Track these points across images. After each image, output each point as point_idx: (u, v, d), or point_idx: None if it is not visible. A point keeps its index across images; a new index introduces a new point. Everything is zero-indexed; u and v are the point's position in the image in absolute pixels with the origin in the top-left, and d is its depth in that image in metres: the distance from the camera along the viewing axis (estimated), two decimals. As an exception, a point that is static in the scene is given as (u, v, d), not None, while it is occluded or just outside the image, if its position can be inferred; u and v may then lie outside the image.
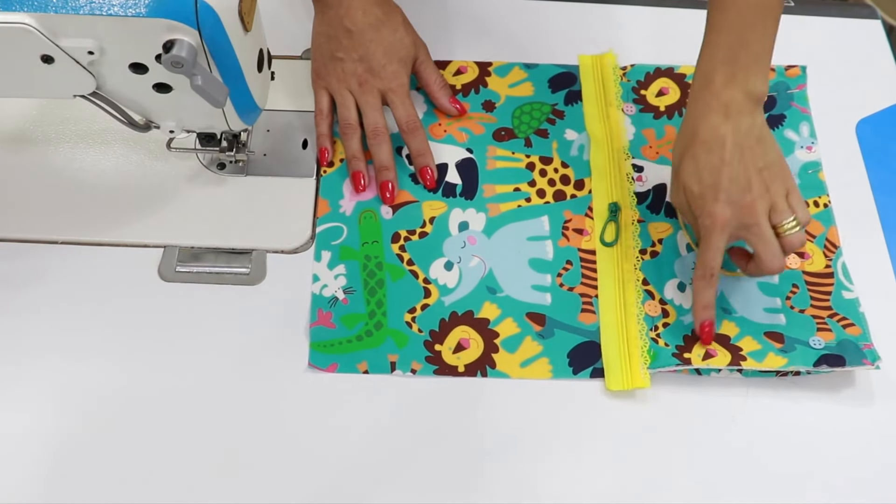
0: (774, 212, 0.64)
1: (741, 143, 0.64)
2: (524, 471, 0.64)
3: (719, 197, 0.64)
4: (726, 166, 0.64)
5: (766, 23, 0.65)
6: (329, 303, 0.69)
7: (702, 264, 0.66)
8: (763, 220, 0.64)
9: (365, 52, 0.75)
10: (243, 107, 0.66)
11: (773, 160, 0.65)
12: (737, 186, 0.64)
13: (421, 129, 0.76)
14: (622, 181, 0.75)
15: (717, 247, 0.65)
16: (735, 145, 0.64)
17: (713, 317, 0.66)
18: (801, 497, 0.64)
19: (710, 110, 0.65)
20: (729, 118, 0.64)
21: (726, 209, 0.64)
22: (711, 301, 0.66)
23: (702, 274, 0.66)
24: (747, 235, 0.65)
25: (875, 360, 0.66)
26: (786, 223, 0.64)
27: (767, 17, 0.64)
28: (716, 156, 0.64)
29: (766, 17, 0.64)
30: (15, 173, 0.74)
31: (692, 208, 0.66)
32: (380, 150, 0.75)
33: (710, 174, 0.64)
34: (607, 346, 0.68)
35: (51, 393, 0.65)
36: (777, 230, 0.65)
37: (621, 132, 0.78)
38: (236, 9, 0.59)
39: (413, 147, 0.75)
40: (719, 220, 0.64)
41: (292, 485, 0.63)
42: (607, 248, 0.73)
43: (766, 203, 0.64)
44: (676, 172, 0.68)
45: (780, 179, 0.65)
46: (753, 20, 0.64)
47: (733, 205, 0.64)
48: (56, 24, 0.57)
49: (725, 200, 0.64)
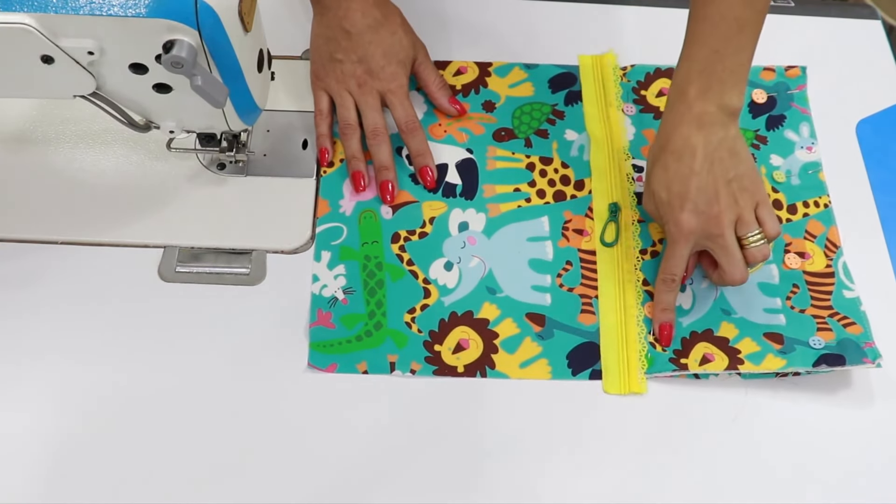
0: (741, 223, 0.66)
1: (712, 154, 0.65)
2: (524, 471, 0.64)
3: (686, 206, 0.65)
4: (695, 176, 0.65)
5: (743, 37, 0.65)
6: (329, 303, 0.69)
7: (664, 269, 0.68)
8: (728, 232, 0.65)
9: (364, 54, 0.75)
10: (243, 107, 0.66)
11: (744, 172, 0.66)
12: (704, 197, 0.65)
13: (420, 130, 0.76)
14: (622, 181, 0.75)
15: (680, 254, 0.66)
16: (705, 156, 0.65)
17: (672, 319, 0.68)
18: (800, 497, 0.64)
19: (683, 121, 0.65)
20: (701, 129, 0.65)
21: (692, 218, 0.65)
22: (671, 304, 0.68)
23: (663, 279, 0.68)
24: (712, 246, 0.66)
25: (876, 359, 0.66)
26: (750, 235, 0.65)
27: (745, 32, 0.65)
28: (685, 165, 0.65)
29: (742, 32, 0.64)
30: (15, 173, 0.74)
31: (660, 215, 0.68)
32: (379, 150, 0.75)
33: (679, 183, 0.65)
34: (606, 349, 0.68)
35: (51, 393, 0.65)
36: (742, 242, 0.66)
37: (621, 132, 0.78)
38: (236, 9, 0.59)
39: (412, 147, 0.75)
40: (685, 229, 0.65)
41: (292, 485, 0.63)
42: (607, 248, 0.73)
43: (733, 214, 0.65)
44: (647, 179, 0.69)
45: (750, 192, 0.66)
46: (729, 34, 0.64)
47: (700, 214, 0.65)
48: (56, 25, 0.57)
49: (692, 210, 0.65)
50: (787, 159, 0.78)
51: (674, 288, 0.68)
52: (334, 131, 0.77)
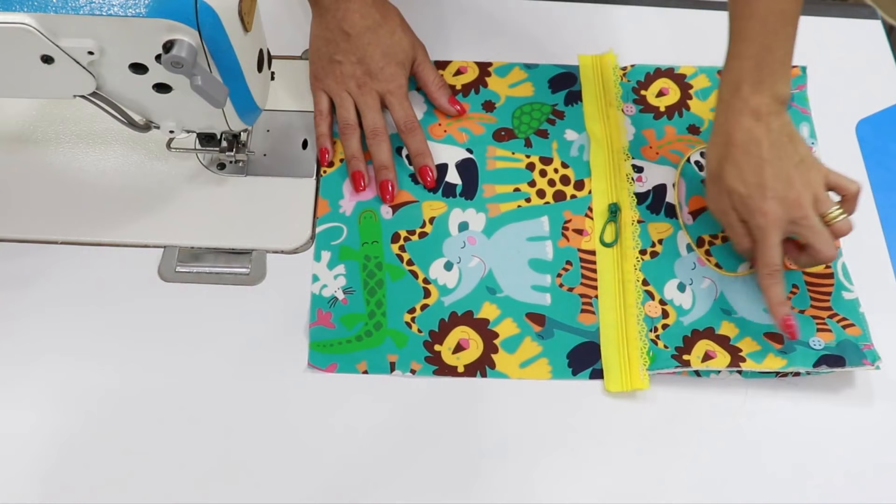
0: (818, 202, 0.66)
1: (775, 142, 0.66)
2: (524, 471, 0.64)
3: (767, 194, 0.65)
4: (767, 164, 0.65)
5: (788, 28, 0.66)
6: (329, 303, 0.69)
7: (764, 264, 0.67)
8: (811, 212, 0.65)
9: (363, 55, 0.75)
10: (243, 107, 0.66)
11: (805, 153, 0.67)
12: (780, 183, 0.65)
13: (419, 129, 0.76)
14: (622, 181, 0.75)
15: (774, 244, 0.66)
16: (771, 145, 0.66)
17: (790, 311, 0.67)
18: (800, 497, 0.64)
19: (742, 115, 0.66)
20: (760, 120, 0.66)
21: (776, 206, 0.65)
22: (783, 296, 0.67)
23: (767, 273, 0.67)
24: (797, 229, 0.66)
25: (875, 361, 0.66)
26: (831, 212, 0.66)
27: (788, 23, 0.66)
28: (755, 156, 0.66)
29: (787, 23, 0.66)
30: (15, 173, 0.74)
31: (739, 210, 0.67)
32: (379, 149, 0.75)
33: (753, 174, 0.66)
34: (607, 347, 0.68)
35: (51, 393, 0.65)
36: (824, 219, 0.66)
37: (621, 132, 0.78)
38: (236, 9, 0.59)
39: (412, 147, 0.75)
40: (771, 218, 0.65)
41: (292, 484, 0.63)
42: (607, 248, 0.73)
43: (810, 195, 0.66)
44: (717, 178, 0.69)
45: (816, 170, 0.67)
46: (776, 27, 0.66)
47: (781, 201, 0.65)
48: (56, 25, 0.57)
49: (773, 197, 0.65)
50: (786, 159, 0.78)
51: (779, 279, 0.67)
52: (334, 131, 0.77)
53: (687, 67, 0.83)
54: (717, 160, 0.69)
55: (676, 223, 0.74)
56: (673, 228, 0.74)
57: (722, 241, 0.74)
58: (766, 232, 0.66)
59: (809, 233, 0.66)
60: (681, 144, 0.78)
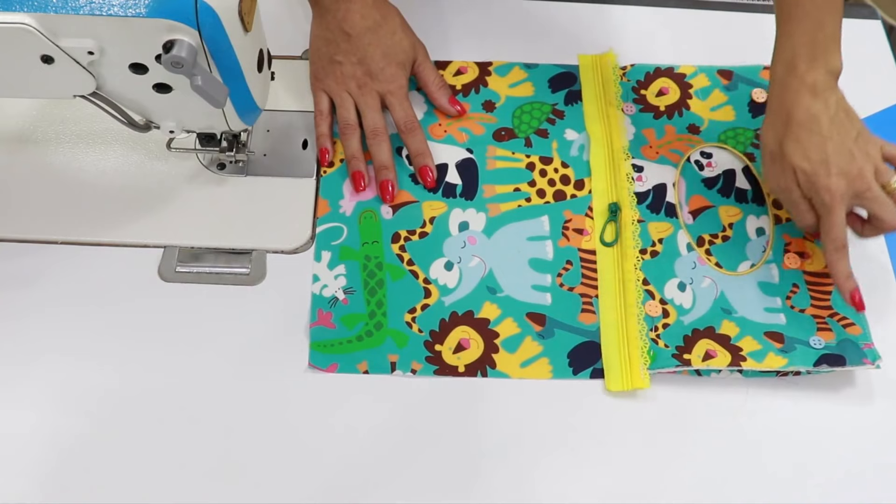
0: (878, 173, 0.68)
1: (833, 117, 0.67)
2: (524, 471, 0.64)
3: (831, 171, 0.66)
4: (829, 141, 0.67)
5: (836, 2, 0.68)
6: (329, 303, 0.69)
7: (832, 239, 0.68)
8: (874, 184, 0.67)
9: (363, 56, 0.75)
10: (243, 107, 0.66)
11: (862, 127, 0.69)
12: (843, 158, 0.67)
13: (419, 130, 0.76)
14: (622, 181, 0.75)
15: (839, 219, 0.67)
16: (830, 120, 0.67)
17: (856, 284, 0.68)
18: (801, 497, 0.64)
19: (800, 93, 0.68)
20: (817, 97, 0.67)
21: (840, 181, 0.66)
22: (849, 270, 0.68)
23: (834, 248, 0.68)
24: (862, 202, 0.68)
25: (875, 360, 0.66)
26: (892, 181, 0.68)
27: None
28: (816, 133, 0.67)
29: None
30: (15, 173, 0.74)
31: (803, 187, 0.68)
32: (379, 149, 0.75)
33: (817, 151, 0.67)
34: (607, 346, 0.68)
35: (51, 393, 0.65)
36: (885, 189, 0.68)
37: (621, 132, 0.78)
38: (236, 9, 0.59)
39: (412, 147, 0.75)
40: (837, 193, 0.66)
41: (292, 484, 0.63)
42: (607, 248, 0.73)
43: (871, 167, 0.67)
44: (779, 157, 0.69)
45: (872, 143, 0.69)
46: (824, 4, 0.67)
47: (845, 175, 0.66)
48: (56, 25, 0.57)
49: (837, 173, 0.66)
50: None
51: (846, 254, 0.68)
52: (334, 131, 0.77)
53: (687, 67, 0.83)
54: (777, 139, 0.69)
55: (677, 222, 0.74)
56: (673, 228, 0.74)
57: (722, 240, 0.74)
58: (831, 208, 0.67)
59: (874, 204, 0.67)
60: (681, 144, 0.78)
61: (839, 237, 0.67)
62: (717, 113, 0.80)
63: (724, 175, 0.77)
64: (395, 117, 0.76)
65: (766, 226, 0.75)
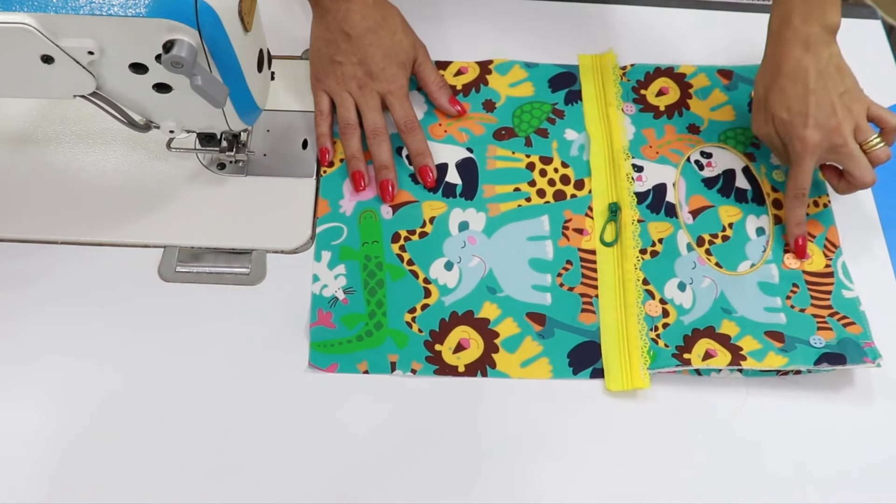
0: (859, 131, 0.70)
1: (822, 72, 0.69)
2: (524, 471, 0.64)
3: (808, 123, 0.69)
4: (812, 94, 0.69)
5: None
6: (329, 303, 0.69)
7: (794, 185, 0.72)
8: (850, 141, 0.70)
9: (364, 56, 0.75)
10: (243, 107, 0.66)
11: (852, 85, 0.71)
12: (823, 112, 0.69)
13: (419, 129, 0.76)
14: (622, 181, 0.75)
15: (807, 168, 0.71)
16: (818, 74, 0.69)
17: (805, 232, 0.73)
18: (801, 496, 0.64)
19: (792, 45, 0.70)
20: (809, 51, 0.69)
21: (815, 133, 0.69)
22: (803, 218, 0.73)
23: (794, 194, 0.72)
24: (836, 157, 0.71)
25: (876, 358, 0.66)
26: (871, 140, 0.70)
27: None
28: (801, 85, 0.69)
29: None
30: (15, 173, 0.74)
31: (781, 135, 0.72)
32: (379, 149, 0.75)
33: (798, 102, 0.69)
34: (607, 346, 0.68)
35: (51, 393, 0.65)
36: (863, 147, 0.70)
37: (621, 132, 0.78)
38: (236, 9, 0.59)
39: (412, 147, 0.76)
40: (809, 144, 0.69)
41: (292, 484, 0.63)
42: (607, 247, 0.73)
43: (851, 124, 0.70)
44: (763, 105, 0.73)
45: (859, 101, 0.71)
46: None
47: (821, 129, 0.69)
48: (56, 24, 0.57)
49: (814, 125, 0.69)
50: (786, 159, 0.78)
51: (804, 202, 0.72)
52: (335, 131, 0.77)
53: (686, 67, 0.83)
54: (764, 88, 0.72)
55: (676, 222, 0.74)
56: (673, 228, 0.74)
57: (722, 240, 0.74)
58: (801, 157, 0.70)
59: (848, 160, 0.70)
60: (680, 144, 0.78)
61: (802, 185, 0.71)
62: (717, 113, 0.80)
63: (724, 175, 0.77)
64: (395, 117, 0.76)
65: (766, 226, 0.75)
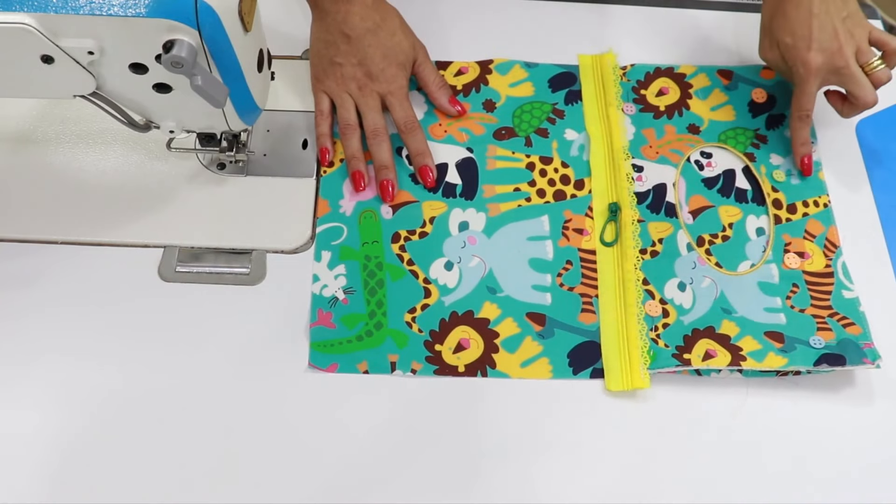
0: (860, 53, 0.73)
1: None
2: (524, 471, 0.64)
3: (812, 46, 0.72)
4: (815, 18, 0.72)
5: None
6: (329, 303, 0.69)
7: (798, 107, 0.75)
8: (852, 62, 0.72)
9: (363, 57, 0.75)
10: (243, 107, 0.66)
11: (854, 10, 0.73)
12: (826, 35, 0.72)
13: (419, 129, 0.76)
14: (622, 181, 0.75)
15: (811, 91, 0.74)
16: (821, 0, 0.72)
17: (810, 151, 0.76)
18: (800, 497, 0.64)
19: None
20: None
21: (818, 56, 0.72)
22: (807, 138, 0.76)
23: (798, 115, 0.75)
24: (839, 79, 0.73)
25: (875, 360, 0.66)
26: (872, 62, 0.72)
27: None
28: (804, 10, 0.72)
29: None
30: (15, 173, 0.74)
31: (786, 59, 0.75)
32: (379, 149, 0.75)
33: (801, 26, 0.72)
34: (607, 346, 0.68)
35: (51, 393, 0.65)
36: (865, 69, 0.73)
37: (621, 132, 0.78)
38: (236, 9, 0.59)
39: (412, 147, 0.76)
40: (813, 67, 0.72)
41: (292, 484, 0.63)
42: (607, 247, 0.73)
43: (853, 47, 0.72)
44: (768, 29, 0.76)
45: (862, 26, 0.73)
46: None
47: (824, 52, 0.72)
48: (56, 24, 0.57)
49: (817, 49, 0.72)
50: (787, 158, 0.78)
51: (808, 122, 0.75)
52: (335, 132, 0.77)
53: (686, 67, 0.83)
54: (770, 13, 0.76)
55: (676, 222, 0.74)
56: (673, 228, 0.74)
57: (722, 240, 0.74)
58: (805, 80, 0.73)
59: (850, 81, 0.73)
60: (681, 144, 0.78)
61: (805, 107, 0.74)
62: (717, 113, 0.80)
63: (724, 175, 0.77)
64: (395, 117, 0.76)
65: (765, 226, 0.75)
